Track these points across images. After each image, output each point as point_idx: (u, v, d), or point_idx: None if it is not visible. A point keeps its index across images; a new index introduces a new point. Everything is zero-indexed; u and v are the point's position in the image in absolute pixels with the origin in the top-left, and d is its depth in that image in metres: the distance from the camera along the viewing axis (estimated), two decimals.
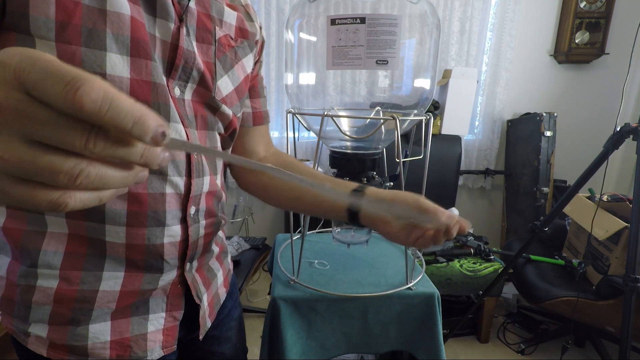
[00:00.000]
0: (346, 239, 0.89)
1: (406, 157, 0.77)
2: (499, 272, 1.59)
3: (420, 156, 0.74)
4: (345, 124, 0.77)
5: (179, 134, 0.45)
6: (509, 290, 2.00)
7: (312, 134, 0.83)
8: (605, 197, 1.53)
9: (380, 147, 0.80)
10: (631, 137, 1.16)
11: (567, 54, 2.25)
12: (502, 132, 2.42)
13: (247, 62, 0.56)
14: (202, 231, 0.52)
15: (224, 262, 0.64)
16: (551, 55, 2.35)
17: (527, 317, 1.93)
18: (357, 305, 0.76)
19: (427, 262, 1.64)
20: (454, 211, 2.01)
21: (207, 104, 0.50)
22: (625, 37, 2.23)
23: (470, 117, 2.16)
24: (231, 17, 0.53)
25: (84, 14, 0.36)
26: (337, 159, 0.78)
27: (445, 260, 1.66)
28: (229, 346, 0.65)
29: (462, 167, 2.34)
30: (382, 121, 0.67)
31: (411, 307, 0.77)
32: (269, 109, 2.26)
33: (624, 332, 1.10)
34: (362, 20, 0.64)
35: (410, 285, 0.78)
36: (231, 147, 0.60)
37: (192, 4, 0.46)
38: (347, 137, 0.73)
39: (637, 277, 1.11)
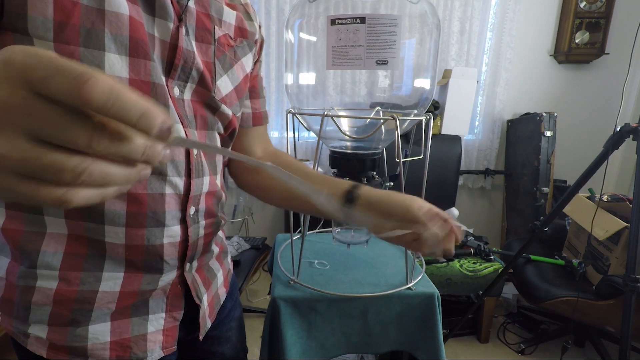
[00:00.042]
0: (346, 239, 0.89)
1: (406, 157, 0.77)
2: (499, 272, 1.59)
3: (420, 156, 0.74)
4: (345, 124, 0.77)
5: (178, 134, 0.45)
6: (509, 290, 2.00)
7: (312, 134, 0.83)
8: (605, 197, 1.53)
9: (380, 147, 0.80)
10: (631, 137, 1.16)
11: (567, 54, 2.25)
12: (502, 132, 2.42)
13: (247, 62, 0.56)
14: (202, 231, 0.52)
15: (224, 262, 0.64)
16: (551, 55, 2.35)
17: (527, 317, 1.93)
18: (357, 305, 0.76)
19: (427, 262, 1.64)
20: (454, 211, 2.00)
21: (206, 103, 0.50)
22: (625, 37, 2.23)
23: (470, 117, 2.16)
24: (230, 17, 0.53)
25: (82, 14, 0.36)
26: (337, 159, 0.78)
27: (445, 260, 1.66)
28: (229, 346, 0.65)
29: (462, 167, 2.34)
30: (382, 121, 0.67)
31: (411, 307, 0.77)
32: (269, 109, 2.26)
33: (624, 332, 1.10)
34: (362, 20, 0.64)
35: (410, 285, 0.78)
36: (230, 147, 0.60)
37: (191, 3, 0.45)
38: (347, 137, 0.73)
39: (637, 277, 1.11)
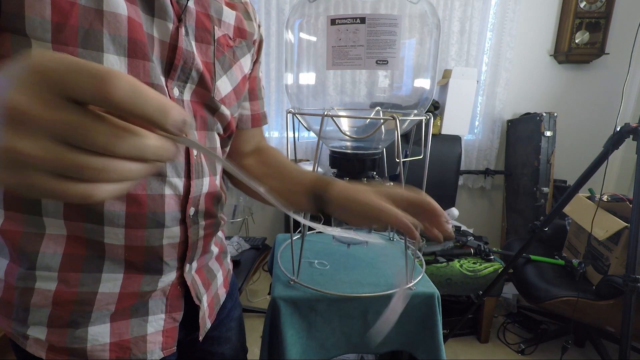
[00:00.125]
0: (346, 239, 0.89)
1: (406, 157, 0.77)
2: (499, 272, 1.59)
3: (420, 156, 0.74)
4: (345, 124, 0.77)
5: (191, 132, 0.46)
6: (509, 290, 2.00)
7: (312, 134, 0.83)
8: (605, 197, 1.53)
9: (380, 147, 0.80)
10: (631, 137, 1.16)
11: (567, 54, 2.25)
12: (502, 132, 2.42)
13: (245, 62, 0.56)
14: (202, 232, 0.52)
15: (223, 262, 0.64)
16: (551, 55, 2.35)
17: (527, 317, 1.93)
18: (357, 305, 0.76)
19: (427, 262, 1.64)
20: (454, 211, 2.01)
21: (206, 104, 0.50)
22: (625, 37, 2.23)
23: (470, 117, 2.17)
24: (230, 17, 0.52)
25: (80, 14, 0.36)
26: (337, 159, 0.78)
27: (445, 260, 1.66)
28: (229, 347, 0.65)
29: (462, 167, 2.34)
30: (382, 121, 0.67)
31: (411, 307, 0.77)
32: (269, 109, 2.26)
33: (624, 332, 1.10)
34: (362, 20, 0.64)
35: (410, 285, 0.78)
36: (229, 147, 0.60)
37: (191, 3, 0.45)
38: (347, 137, 0.73)
39: (637, 277, 1.11)
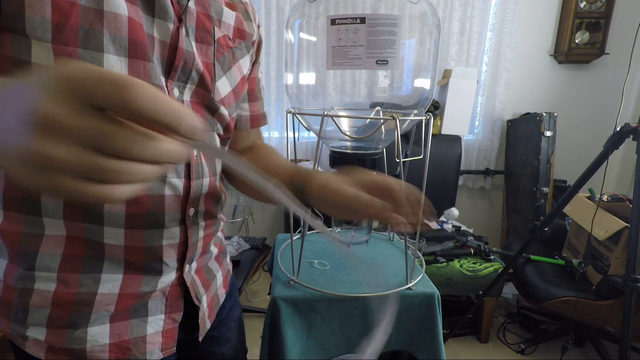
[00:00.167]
0: (346, 239, 0.89)
1: (406, 157, 0.77)
2: (499, 272, 1.59)
3: (420, 156, 0.74)
4: (345, 124, 0.77)
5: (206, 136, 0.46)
6: (509, 290, 2.00)
7: (312, 134, 0.83)
8: (605, 197, 1.53)
9: (380, 147, 0.80)
10: (631, 137, 1.16)
11: (567, 54, 2.25)
12: (502, 132, 2.42)
13: (244, 63, 0.56)
14: (202, 233, 0.52)
15: (223, 262, 0.64)
16: (551, 55, 2.35)
17: (527, 317, 1.93)
18: (357, 305, 0.76)
19: (427, 262, 1.64)
20: (454, 211, 2.01)
21: (205, 105, 0.50)
22: (625, 37, 2.23)
23: (470, 117, 2.17)
24: (230, 18, 0.52)
25: (80, 14, 0.36)
26: (337, 159, 0.78)
27: (445, 260, 1.66)
28: (228, 347, 0.65)
29: (462, 167, 2.34)
30: (382, 121, 0.67)
31: (411, 307, 0.77)
32: (269, 109, 2.26)
33: (624, 332, 1.10)
34: (362, 20, 0.64)
35: (410, 285, 0.78)
36: (227, 146, 0.60)
37: (192, 3, 0.45)
38: (347, 137, 0.73)
39: (637, 277, 1.11)
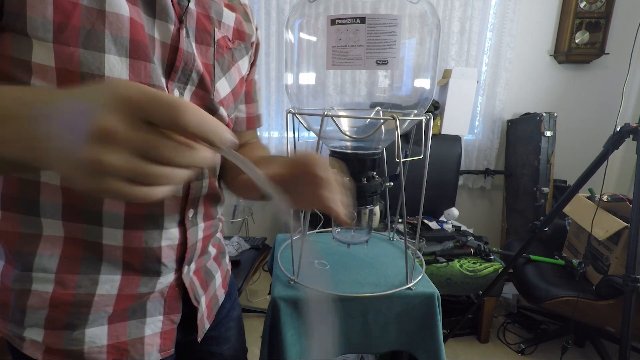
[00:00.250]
0: (346, 239, 0.89)
1: (406, 157, 0.77)
2: (499, 272, 1.59)
3: (420, 156, 0.74)
4: (345, 124, 0.77)
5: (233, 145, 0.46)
6: (509, 290, 2.00)
7: (312, 134, 0.83)
8: (605, 197, 1.53)
9: (380, 147, 0.80)
10: (631, 137, 1.16)
11: (567, 54, 2.25)
12: (502, 132, 2.42)
13: (243, 64, 0.56)
14: (201, 234, 0.52)
15: (221, 263, 0.64)
16: (551, 55, 2.35)
17: (527, 317, 1.93)
18: (357, 305, 0.76)
19: (427, 262, 1.64)
20: (454, 211, 2.00)
21: (205, 106, 0.50)
22: (625, 37, 2.22)
23: (470, 117, 2.16)
24: (229, 19, 0.52)
25: (82, 15, 0.35)
26: (337, 159, 0.78)
27: (445, 260, 1.66)
28: (228, 347, 0.65)
29: (462, 167, 2.34)
30: (382, 121, 0.67)
31: (411, 307, 0.77)
32: (269, 109, 2.26)
33: (624, 332, 1.10)
34: (362, 20, 0.64)
35: (410, 285, 0.78)
36: None
37: (192, 5, 0.45)
38: (347, 137, 0.73)
39: (637, 277, 1.11)
